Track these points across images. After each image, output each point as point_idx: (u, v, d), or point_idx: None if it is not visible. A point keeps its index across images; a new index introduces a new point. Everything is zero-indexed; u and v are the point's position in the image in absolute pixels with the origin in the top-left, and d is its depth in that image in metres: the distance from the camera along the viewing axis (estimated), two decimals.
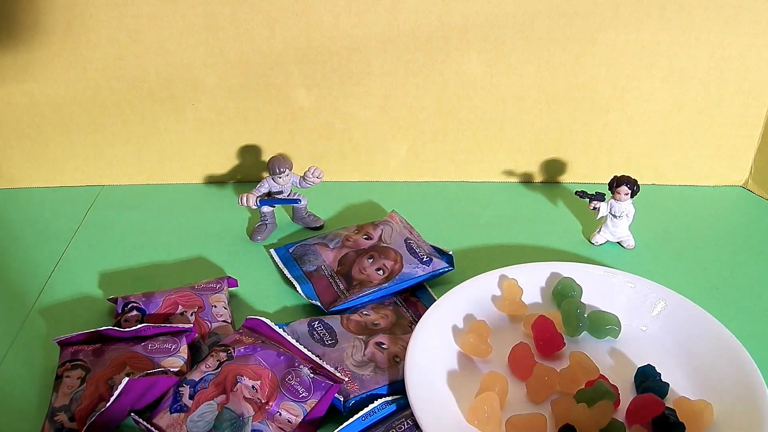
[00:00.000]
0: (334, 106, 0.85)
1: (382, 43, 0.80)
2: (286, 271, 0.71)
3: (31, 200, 0.88)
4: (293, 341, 0.58)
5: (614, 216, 0.76)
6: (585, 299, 0.65)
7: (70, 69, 0.81)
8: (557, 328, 0.61)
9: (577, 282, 0.66)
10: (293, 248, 0.74)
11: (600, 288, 0.66)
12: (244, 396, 0.52)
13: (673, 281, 0.67)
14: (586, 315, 0.63)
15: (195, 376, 0.54)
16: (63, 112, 0.84)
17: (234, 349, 0.56)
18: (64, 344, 0.59)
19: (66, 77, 0.82)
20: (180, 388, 0.53)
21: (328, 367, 0.56)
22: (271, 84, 0.83)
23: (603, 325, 0.62)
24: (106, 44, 0.80)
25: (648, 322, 0.64)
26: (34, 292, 0.70)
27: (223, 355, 0.55)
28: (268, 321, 0.59)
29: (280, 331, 0.58)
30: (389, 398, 0.55)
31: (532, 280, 0.67)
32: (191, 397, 0.52)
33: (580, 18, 0.79)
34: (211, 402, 0.52)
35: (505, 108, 0.85)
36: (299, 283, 0.69)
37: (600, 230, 0.78)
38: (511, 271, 0.67)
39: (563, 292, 0.65)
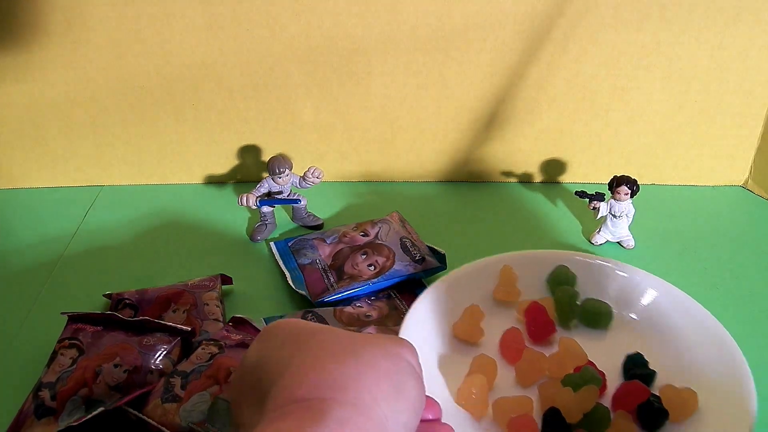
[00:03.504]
0: (334, 106, 0.85)
1: (382, 43, 0.80)
2: (281, 264, 0.72)
3: (31, 200, 0.88)
4: None
5: (614, 216, 0.76)
6: (579, 287, 0.66)
7: (70, 69, 0.81)
8: (549, 315, 0.62)
9: (572, 270, 0.67)
10: (292, 242, 0.75)
11: (594, 277, 0.67)
12: None
13: (673, 281, 0.67)
14: (579, 303, 0.64)
15: (186, 367, 0.54)
16: (63, 112, 0.84)
17: (225, 343, 0.56)
18: (70, 319, 0.60)
19: (66, 77, 0.82)
20: (171, 379, 0.53)
21: None
22: (271, 84, 0.83)
23: (595, 313, 0.64)
24: (106, 44, 0.80)
25: (639, 311, 0.65)
26: (33, 292, 0.70)
27: (214, 349, 0.55)
28: (252, 320, 0.59)
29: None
30: None
31: (527, 267, 0.68)
32: (183, 388, 0.52)
33: (580, 18, 0.79)
34: (204, 393, 0.52)
35: (505, 108, 0.85)
36: (291, 275, 0.70)
37: (600, 230, 0.78)
38: (507, 258, 0.68)
39: (558, 280, 0.67)
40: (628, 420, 0.52)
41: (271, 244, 0.75)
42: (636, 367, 0.58)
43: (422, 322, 0.60)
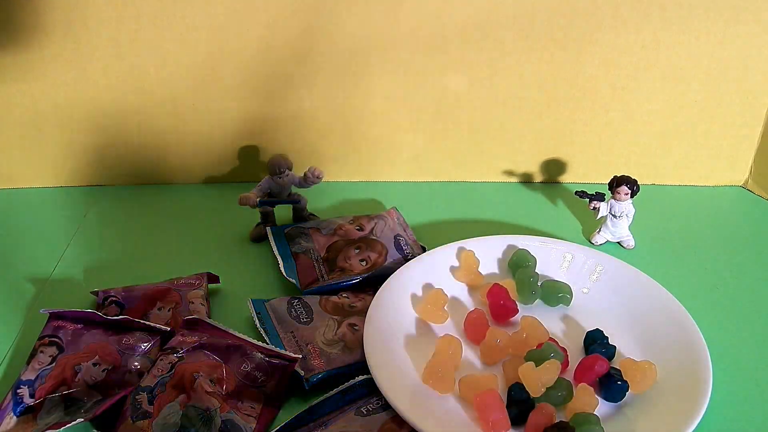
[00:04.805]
0: (334, 107, 0.85)
1: (382, 43, 0.80)
2: (275, 249, 0.72)
3: (31, 200, 0.88)
4: (235, 332, 0.58)
5: (614, 216, 0.76)
6: (539, 269, 0.69)
7: (70, 69, 0.81)
8: (511, 296, 0.64)
9: (531, 253, 0.69)
10: (288, 229, 0.76)
11: (554, 258, 0.70)
12: (205, 391, 0.52)
13: (673, 281, 0.67)
14: (539, 284, 0.66)
15: (149, 382, 0.53)
16: (63, 112, 0.84)
17: (182, 349, 0.56)
18: (51, 316, 0.60)
19: (66, 77, 0.82)
20: (137, 397, 0.52)
21: (277, 349, 0.57)
22: (271, 84, 0.83)
23: (556, 293, 0.66)
24: (106, 44, 0.80)
25: (598, 290, 0.67)
26: (33, 292, 0.70)
27: (173, 357, 0.55)
28: (206, 318, 0.59)
29: (220, 325, 0.59)
30: (368, 376, 0.56)
31: (488, 252, 0.71)
32: (150, 403, 0.52)
33: (580, 18, 0.79)
34: (173, 403, 0.51)
35: (505, 108, 0.85)
36: (284, 262, 0.71)
37: (600, 230, 0.78)
38: (469, 243, 0.71)
39: (518, 263, 0.69)
40: (589, 393, 0.54)
41: (268, 229, 0.76)
42: (596, 343, 0.60)
43: (389, 306, 0.63)
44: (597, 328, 0.61)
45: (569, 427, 0.50)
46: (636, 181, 0.74)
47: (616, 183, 0.74)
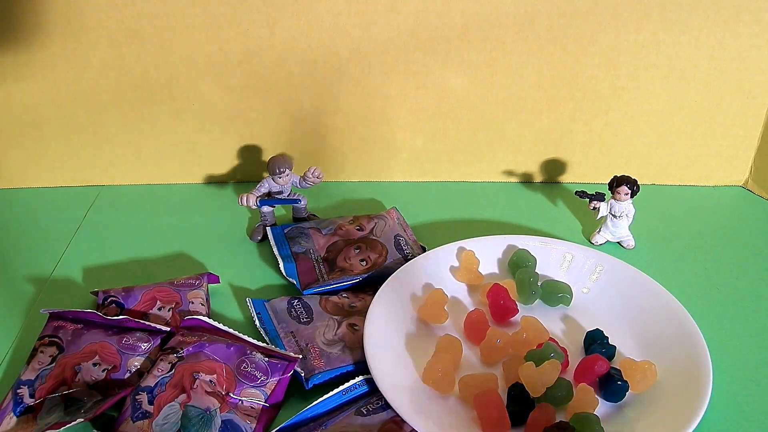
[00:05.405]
0: (334, 106, 0.85)
1: (382, 43, 0.80)
2: (275, 249, 0.73)
3: (31, 200, 0.88)
4: (235, 332, 0.59)
5: (614, 216, 0.76)
6: (539, 269, 0.69)
7: (70, 69, 0.81)
8: (511, 296, 0.65)
9: (532, 253, 0.70)
10: (288, 229, 0.76)
11: (554, 258, 0.70)
12: (205, 391, 0.52)
13: (673, 281, 0.67)
14: (539, 284, 0.67)
15: (149, 382, 0.54)
16: (63, 112, 0.84)
17: (182, 349, 0.56)
18: (51, 316, 0.61)
19: (66, 77, 0.82)
20: (137, 396, 0.52)
21: (277, 349, 0.57)
22: (271, 84, 0.83)
23: (556, 293, 0.66)
24: (106, 44, 0.80)
25: (597, 289, 0.67)
26: (34, 292, 0.70)
27: (173, 357, 0.55)
28: (206, 318, 0.59)
29: (220, 325, 0.59)
30: (368, 376, 0.56)
31: (488, 252, 0.71)
32: (150, 403, 0.52)
33: (580, 18, 0.79)
34: (173, 403, 0.52)
35: (505, 108, 0.85)
36: (284, 262, 0.71)
37: (600, 230, 0.78)
38: (469, 244, 0.71)
39: (518, 263, 0.69)
40: (590, 393, 0.54)
41: (268, 229, 0.76)
42: (596, 343, 0.60)
43: (389, 306, 0.63)
44: (597, 328, 0.61)
45: (569, 427, 0.50)
46: (636, 181, 0.74)
47: (616, 183, 0.74)
